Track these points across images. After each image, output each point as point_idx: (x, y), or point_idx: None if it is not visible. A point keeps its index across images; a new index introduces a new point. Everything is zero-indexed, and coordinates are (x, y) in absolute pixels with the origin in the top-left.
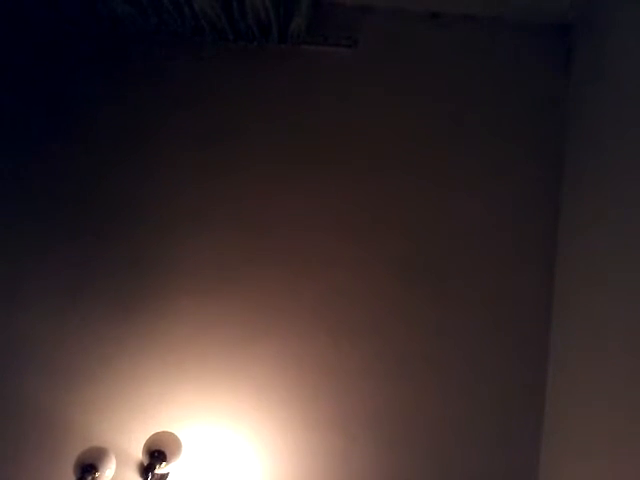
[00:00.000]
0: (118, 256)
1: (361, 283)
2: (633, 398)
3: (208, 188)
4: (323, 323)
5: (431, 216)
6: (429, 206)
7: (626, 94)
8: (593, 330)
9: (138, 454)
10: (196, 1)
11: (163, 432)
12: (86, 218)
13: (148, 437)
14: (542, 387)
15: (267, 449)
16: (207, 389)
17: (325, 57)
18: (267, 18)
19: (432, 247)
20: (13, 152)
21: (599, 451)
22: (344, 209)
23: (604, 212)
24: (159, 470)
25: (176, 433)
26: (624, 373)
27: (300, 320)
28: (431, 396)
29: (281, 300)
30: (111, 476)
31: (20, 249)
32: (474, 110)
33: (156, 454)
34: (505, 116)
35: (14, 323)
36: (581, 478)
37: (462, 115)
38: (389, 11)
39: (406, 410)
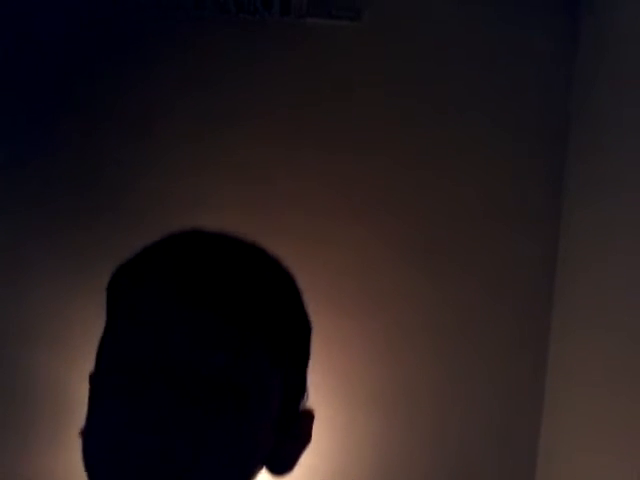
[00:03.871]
0: (122, 239)
1: (362, 262)
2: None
3: (206, 170)
4: (324, 301)
5: (431, 194)
6: (429, 185)
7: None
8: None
9: None
10: None
11: None
12: (85, 203)
13: None
14: (544, 358)
15: None
16: None
17: (329, 30)
18: None
19: (431, 226)
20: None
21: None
22: (344, 189)
23: (615, 175)
24: None
25: None
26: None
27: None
28: (432, 366)
29: None
30: None
31: (25, 232)
32: (482, 83)
33: None
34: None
35: (22, 304)
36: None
37: (468, 94)
38: None
39: (408, 381)
